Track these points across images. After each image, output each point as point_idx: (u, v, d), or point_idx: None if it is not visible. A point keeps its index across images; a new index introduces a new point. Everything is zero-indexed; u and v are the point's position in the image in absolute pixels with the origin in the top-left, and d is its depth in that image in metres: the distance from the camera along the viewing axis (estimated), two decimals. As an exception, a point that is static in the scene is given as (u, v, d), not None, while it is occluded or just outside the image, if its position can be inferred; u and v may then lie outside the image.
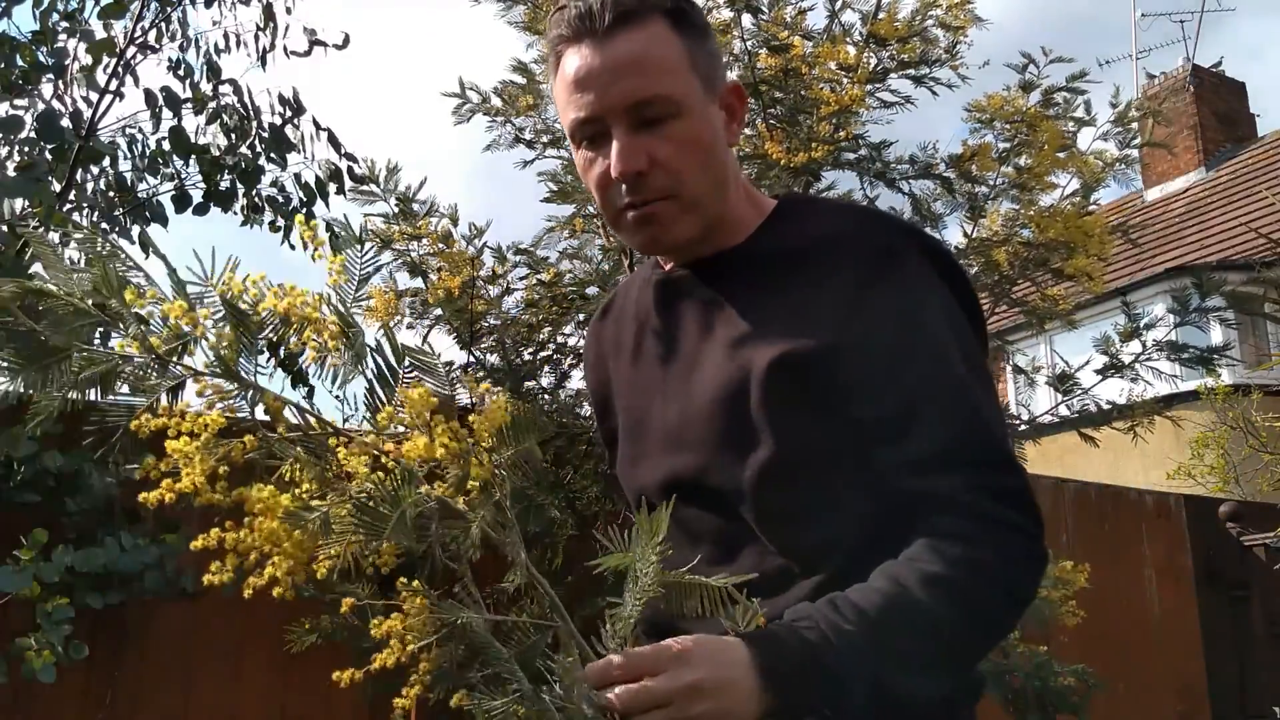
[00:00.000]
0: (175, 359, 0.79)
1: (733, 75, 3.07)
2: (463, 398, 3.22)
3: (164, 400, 0.80)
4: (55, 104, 2.85)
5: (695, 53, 1.00)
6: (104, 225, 2.88)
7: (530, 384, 3.17)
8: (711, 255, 1.06)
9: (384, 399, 0.80)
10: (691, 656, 0.81)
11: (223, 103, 2.99)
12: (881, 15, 3.06)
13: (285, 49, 3.34)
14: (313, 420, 0.82)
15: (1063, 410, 3.55)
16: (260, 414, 0.84)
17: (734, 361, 1.00)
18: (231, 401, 0.81)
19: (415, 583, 0.88)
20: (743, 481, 0.98)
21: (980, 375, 0.98)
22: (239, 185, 2.97)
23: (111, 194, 2.91)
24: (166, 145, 2.89)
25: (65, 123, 2.76)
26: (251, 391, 0.80)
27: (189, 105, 2.93)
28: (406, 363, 0.82)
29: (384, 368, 0.80)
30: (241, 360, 0.80)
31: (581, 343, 3.21)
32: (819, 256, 1.00)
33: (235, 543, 0.83)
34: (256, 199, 3.01)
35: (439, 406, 0.80)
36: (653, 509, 0.88)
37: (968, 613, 0.88)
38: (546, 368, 3.23)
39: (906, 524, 0.91)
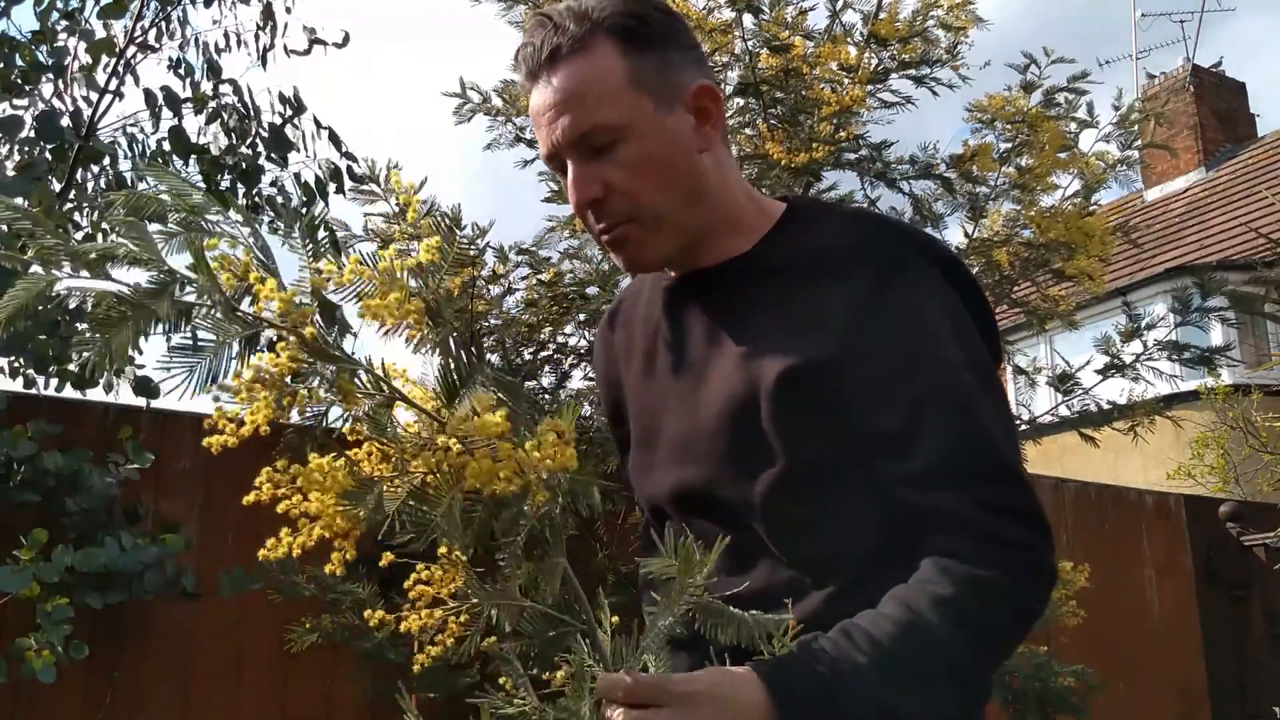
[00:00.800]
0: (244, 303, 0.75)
1: (733, 75, 3.09)
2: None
3: (236, 349, 0.75)
4: (55, 103, 2.85)
5: (642, 68, 0.98)
6: (104, 225, 2.87)
7: (530, 384, 3.17)
8: (718, 263, 1.05)
9: (448, 400, 0.77)
10: (699, 700, 0.80)
11: (223, 102, 2.99)
12: (882, 15, 3.06)
13: (285, 48, 3.33)
14: (384, 388, 0.77)
15: (1063, 410, 3.55)
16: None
17: (742, 373, 0.99)
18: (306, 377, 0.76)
19: (456, 553, 0.86)
20: (753, 494, 0.97)
21: (988, 385, 0.97)
22: (239, 185, 2.96)
23: (111, 194, 2.90)
24: (166, 145, 2.88)
25: (65, 122, 2.75)
26: (334, 368, 0.76)
27: (189, 105, 2.92)
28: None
29: (457, 371, 0.77)
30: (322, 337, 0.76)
31: (582, 343, 3.21)
32: (828, 267, 0.99)
33: (288, 509, 0.82)
34: (256, 199, 3.01)
35: (510, 433, 0.77)
36: (665, 518, 0.88)
37: (976, 635, 0.88)
38: (547, 368, 3.23)
39: (914, 538, 0.91)
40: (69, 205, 2.84)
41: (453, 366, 0.77)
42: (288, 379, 0.76)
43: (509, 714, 0.88)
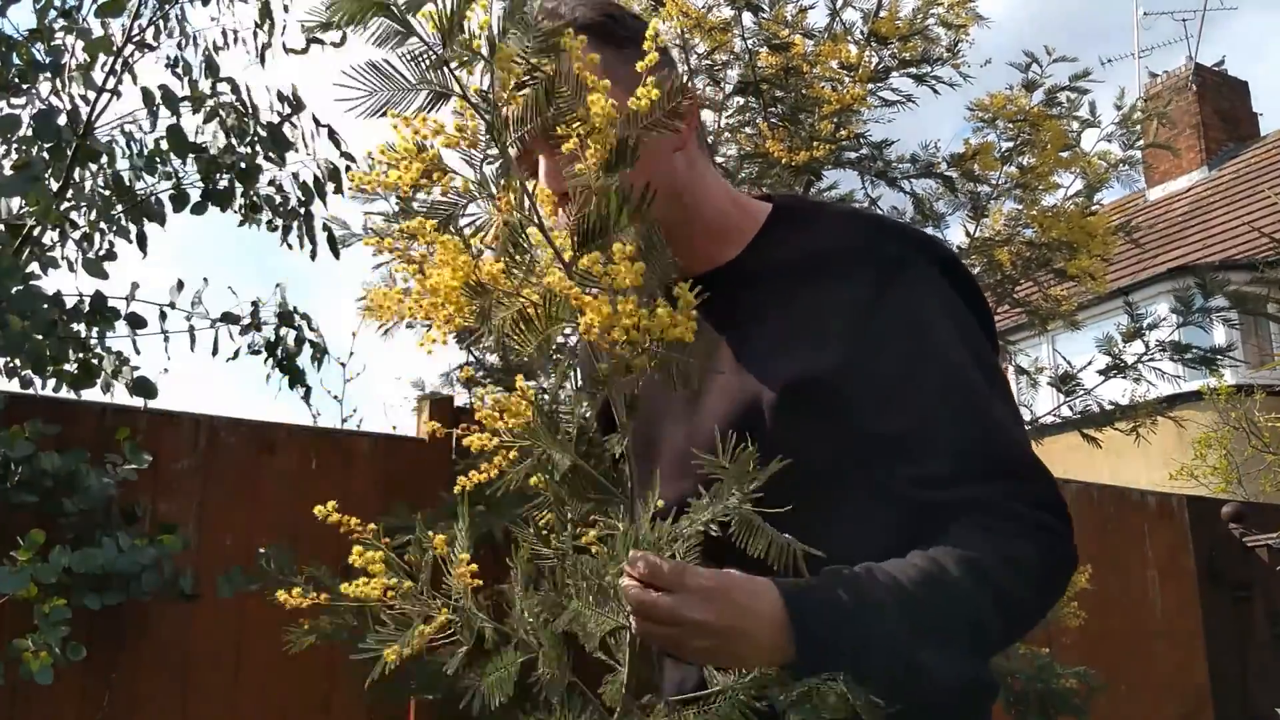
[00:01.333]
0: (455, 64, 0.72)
1: (733, 73, 3.07)
2: (461, 398, 3.17)
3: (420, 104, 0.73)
4: (52, 102, 2.83)
5: (615, 63, 0.98)
6: (101, 224, 2.86)
7: (531, 384, 3.15)
8: (708, 270, 1.03)
9: (600, 232, 0.74)
10: (711, 594, 0.80)
11: (221, 100, 2.97)
12: (883, 13, 3.05)
13: (284, 46, 3.32)
14: (524, 212, 0.76)
15: (1065, 411, 3.54)
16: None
17: (741, 384, 0.98)
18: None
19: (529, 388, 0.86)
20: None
21: (996, 383, 0.97)
22: (237, 184, 2.95)
23: (109, 193, 2.89)
24: (164, 144, 2.87)
25: (62, 121, 2.74)
26: (502, 162, 0.74)
27: (187, 103, 2.91)
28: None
29: (612, 213, 0.75)
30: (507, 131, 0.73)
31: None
32: (826, 269, 0.98)
33: (400, 270, 0.79)
34: (255, 198, 2.99)
35: (643, 287, 0.75)
36: None
37: (1000, 600, 0.88)
38: (547, 367, 3.22)
39: (933, 533, 0.90)
40: (66, 204, 2.83)
41: (612, 209, 0.75)
42: (451, 148, 0.74)
43: (544, 553, 0.88)
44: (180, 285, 2.80)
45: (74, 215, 2.89)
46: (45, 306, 2.42)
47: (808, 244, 1.01)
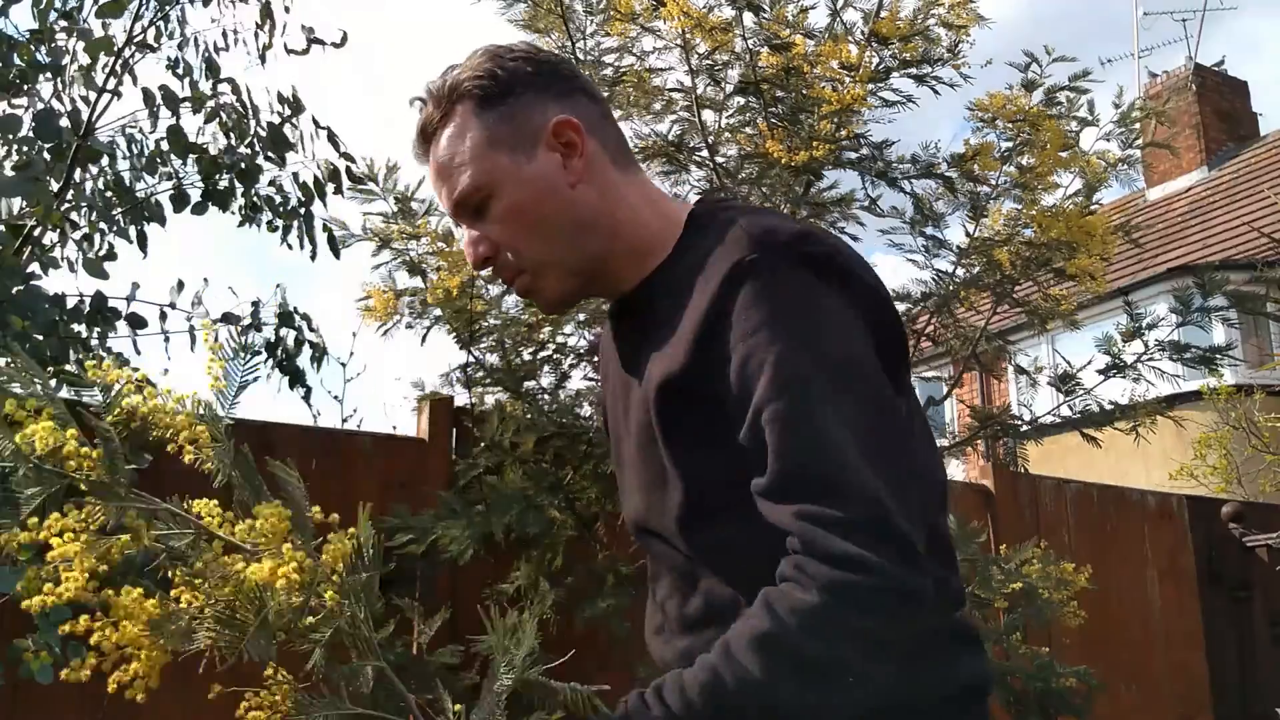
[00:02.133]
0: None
1: (734, 73, 3.08)
2: (461, 398, 3.16)
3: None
4: (53, 103, 2.83)
5: (495, 125, 1.01)
6: (102, 225, 2.86)
7: (530, 384, 3.16)
8: (637, 284, 1.05)
9: (247, 510, 0.84)
10: None
11: (221, 101, 2.97)
12: (883, 14, 3.05)
13: (285, 47, 3.32)
14: (186, 518, 0.86)
15: (1065, 411, 3.54)
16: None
17: (641, 400, 1.01)
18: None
19: (280, 674, 0.91)
20: (671, 522, 0.99)
21: (843, 387, 0.90)
22: (237, 184, 2.95)
23: (109, 194, 2.89)
24: (164, 144, 2.87)
25: (63, 122, 2.74)
26: (119, 507, 0.85)
27: (187, 104, 2.91)
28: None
29: (248, 478, 0.86)
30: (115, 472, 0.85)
31: (582, 343, 3.20)
32: (697, 278, 0.97)
33: (100, 639, 0.85)
34: (255, 198, 3.00)
35: (292, 529, 0.84)
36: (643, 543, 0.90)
37: (800, 667, 0.84)
38: (546, 367, 3.22)
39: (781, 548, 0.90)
40: (67, 205, 2.83)
41: (244, 483, 0.86)
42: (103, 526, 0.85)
43: None
44: (180, 285, 2.80)
45: (74, 216, 2.89)
46: (46, 307, 2.42)
47: (702, 250, 0.99)
